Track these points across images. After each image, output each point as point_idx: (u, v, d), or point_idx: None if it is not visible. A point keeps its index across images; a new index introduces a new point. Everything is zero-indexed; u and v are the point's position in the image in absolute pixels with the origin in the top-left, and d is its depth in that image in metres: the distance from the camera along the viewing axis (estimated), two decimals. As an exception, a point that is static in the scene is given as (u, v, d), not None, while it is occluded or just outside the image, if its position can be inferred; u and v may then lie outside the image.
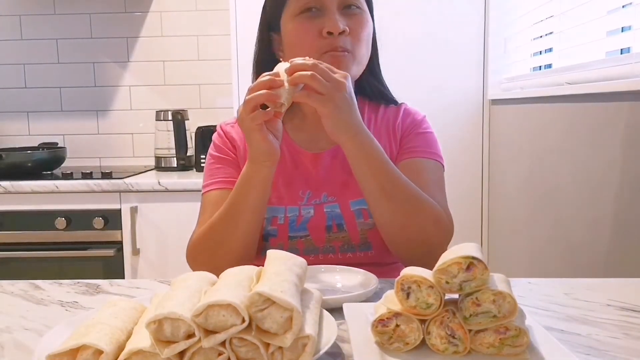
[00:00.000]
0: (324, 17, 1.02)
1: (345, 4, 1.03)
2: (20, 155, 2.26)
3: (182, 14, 2.58)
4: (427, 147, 1.10)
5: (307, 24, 1.03)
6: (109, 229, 2.08)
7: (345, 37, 1.01)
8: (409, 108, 1.17)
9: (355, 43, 1.02)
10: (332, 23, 1.00)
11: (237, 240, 1.00)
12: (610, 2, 1.30)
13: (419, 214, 0.98)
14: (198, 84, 2.62)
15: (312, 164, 1.10)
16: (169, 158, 2.42)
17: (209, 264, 0.99)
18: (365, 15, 1.06)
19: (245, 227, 0.99)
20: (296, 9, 1.04)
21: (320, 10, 1.03)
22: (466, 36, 2.05)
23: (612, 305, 0.80)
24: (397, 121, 1.13)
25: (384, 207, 0.97)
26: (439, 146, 1.12)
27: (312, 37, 1.02)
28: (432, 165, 1.09)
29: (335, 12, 1.02)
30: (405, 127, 1.12)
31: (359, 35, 1.03)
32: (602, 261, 1.27)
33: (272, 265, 0.66)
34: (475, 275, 0.62)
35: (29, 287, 0.88)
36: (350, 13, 1.03)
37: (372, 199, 0.98)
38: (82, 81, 2.63)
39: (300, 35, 1.03)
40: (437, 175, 1.09)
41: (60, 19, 2.60)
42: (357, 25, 1.03)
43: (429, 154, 1.10)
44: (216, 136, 1.16)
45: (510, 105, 1.90)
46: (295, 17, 1.04)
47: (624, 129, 1.18)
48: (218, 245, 1.00)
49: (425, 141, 1.11)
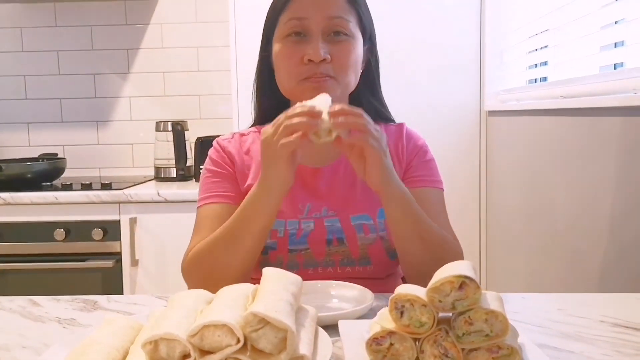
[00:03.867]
0: (308, 43, 1.02)
1: (332, 30, 1.03)
2: (20, 167, 2.26)
3: (182, 26, 2.60)
4: (432, 176, 1.12)
5: (291, 48, 1.04)
6: (108, 240, 2.09)
7: (327, 64, 1.02)
8: (410, 131, 1.17)
9: (338, 70, 1.02)
10: (314, 51, 1.01)
11: (235, 264, 0.98)
12: (603, 18, 1.32)
13: (446, 255, 0.99)
14: (198, 94, 2.63)
15: (312, 178, 1.11)
16: (168, 168, 2.43)
17: (205, 282, 0.97)
18: (353, 42, 1.05)
19: (245, 254, 0.97)
20: (283, 31, 1.05)
21: (305, 35, 1.03)
22: (463, 47, 2.06)
23: (605, 321, 0.81)
24: (400, 143, 1.14)
25: (416, 248, 0.98)
26: (439, 171, 1.15)
27: (294, 63, 1.03)
28: (437, 194, 1.11)
29: (319, 38, 1.02)
30: (408, 151, 1.13)
31: (343, 63, 1.03)
32: (598, 273, 1.28)
33: (268, 284, 0.67)
34: (468, 294, 0.63)
35: (26, 303, 0.89)
36: (337, 40, 1.03)
37: (409, 243, 0.98)
38: (83, 92, 2.65)
39: (284, 59, 1.05)
40: (442, 203, 1.12)
41: (61, 31, 2.62)
42: (341, 53, 1.03)
43: (433, 182, 1.12)
44: (213, 151, 1.15)
45: (507, 117, 1.91)
46: (282, 40, 1.05)
47: (617, 144, 1.19)
48: (215, 267, 0.99)
49: (429, 170, 1.13)
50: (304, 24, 1.03)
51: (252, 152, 1.13)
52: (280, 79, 1.08)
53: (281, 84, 1.08)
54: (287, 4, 1.05)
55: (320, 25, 1.03)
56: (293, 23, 1.04)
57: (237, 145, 1.15)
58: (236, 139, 1.16)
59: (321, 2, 1.04)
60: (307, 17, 1.03)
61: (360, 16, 1.08)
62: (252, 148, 1.14)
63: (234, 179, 1.11)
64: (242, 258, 0.98)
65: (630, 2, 1.16)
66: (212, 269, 0.99)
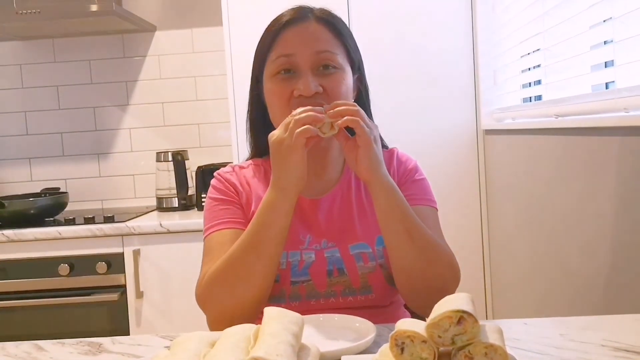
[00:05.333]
0: (298, 79, 1.04)
1: (321, 64, 1.05)
2: (22, 203, 2.28)
3: (179, 57, 2.64)
4: (424, 195, 1.13)
5: (281, 85, 1.05)
6: (112, 273, 2.10)
7: (319, 95, 1.04)
8: (401, 154, 1.19)
9: (331, 100, 1.03)
10: (304, 86, 1.03)
11: (259, 273, 0.98)
12: (593, 38, 1.34)
13: (437, 258, 1.01)
14: (197, 123, 2.66)
15: (311, 209, 1.12)
16: (170, 198, 2.45)
17: (227, 301, 0.98)
18: (342, 74, 1.07)
19: (268, 260, 0.98)
20: (273, 69, 1.07)
21: (295, 72, 1.05)
22: (457, 68, 2.09)
23: (606, 345, 0.81)
24: (391, 167, 1.15)
25: (407, 249, 0.99)
26: (432, 191, 1.15)
27: (285, 99, 1.05)
28: (430, 211, 1.12)
29: (308, 74, 1.04)
30: (400, 174, 1.15)
31: (335, 93, 1.04)
32: (600, 293, 1.28)
33: (269, 326, 0.68)
34: (466, 329, 0.64)
35: (32, 348, 0.89)
36: (326, 73, 1.05)
37: (396, 240, 0.99)
38: (83, 126, 2.68)
39: (275, 97, 1.07)
40: (436, 221, 1.12)
41: (60, 66, 2.66)
42: (333, 84, 1.05)
43: (426, 200, 1.13)
44: (215, 182, 1.16)
45: (504, 135, 1.92)
46: (272, 78, 1.07)
47: (614, 163, 1.20)
48: (238, 279, 0.98)
49: (421, 188, 1.14)
50: (292, 61, 1.05)
51: (252, 184, 1.15)
52: (273, 116, 1.10)
53: (275, 121, 1.09)
54: (274, 42, 1.07)
55: (309, 60, 1.04)
56: (281, 60, 1.05)
57: (238, 177, 1.16)
58: (236, 171, 1.17)
59: (307, 37, 1.06)
60: (295, 53, 1.05)
61: (347, 48, 1.10)
62: (252, 180, 1.15)
63: (241, 206, 1.12)
64: (263, 266, 0.98)
65: (617, 24, 1.18)
66: (234, 283, 0.98)
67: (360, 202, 1.12)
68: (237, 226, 1.08)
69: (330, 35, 1.08)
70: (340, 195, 1.13)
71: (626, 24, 1.15)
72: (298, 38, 1.06)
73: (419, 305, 1.06)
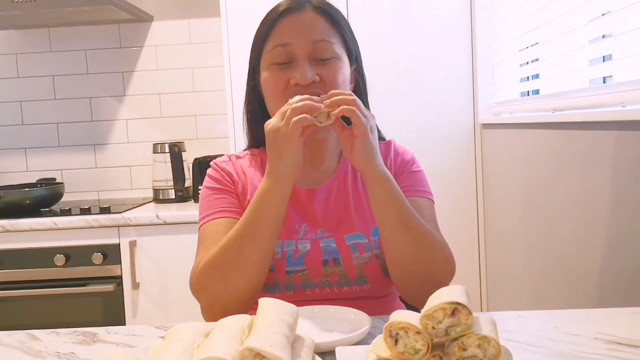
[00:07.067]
0: (294, 68, 1.04)
1: (318, 53, 1.04)
2: (18, 193, 2.27)
3: (176, 47, 2.63)
4: (420, 186, 1.13)
5: (277, 74, 1.05)
6: (108, 264, 2.09)
7: (316, 84, 1.03)
8: (398, 146, 1.19)
9: (329, 89, 1.02)
10: (300, 75, 1.02)
11: (253, 261, 0.97)
12: (591, 32, 1.34)
13: (431, 249, 1.00)
14: (194, 115, 2.65)
15: (307, 199, 1.12)
16: (166, 190, 2.44)
17: (221, 290, 0.98)
18: (339, 63, 1.06)
19: (263, 247, 0.97)
20: (269, 59, 1.06)
21: (291, 61, 1.05)
22: (455, 62, 2.09)
23: (599, 338, 0.81)
24: (388, 158, 1.15)
25: (401, 240, 0.98)
26: (429, 183, 1.15)
27: (281, 88, 1.04)
28: (426, 203, 1.11)
29: (305, 63, 1.03)
30: (397, 166, 1.14)
31: (332, 82, 1.04)
32: (595, 286, 1.29)
33: (263, 316, 0.68)
34: (460, 321, 0.64)
35: (26, 338, 0.89)
36: (323, 62, 1.05)
37: (390, 231, 0.99)
38: (79, 116, 2.67)
39: (272, 87, 1.06)
40: (432, 213, 1.12)
41: (56, 56, 2.64)
42: (330, 73, 1.04)
43: (422, 192, 1.12)
44: (211, 171, 1.15)
45: (501, 129, 1.92)
46: (269, 67, 1.07)
47: (611, 157, 1.20)
48: (232, 267, 0.97)
49: (417, 180, 1.13)
50: (289, 50, 1.04)
51: (248, 174, 1.15)
52: (270, 106, 1.09)
53: (272, 111, 1.09)
54: (270, 32, 1.07)
55: (305, 50, 1.04)
56: (278, 50, 1.05)
57: (234, 166, 1.16)
58: (233, 160, 1.17)
59: (304, 27, 1.05)
60: (291, 43, 1.04)
61: (344, 38, 1.09)
62: (248, 170, 1.15)
63: (237, 195, 1.11)
64: (259, 254, 0.98)
65: (615, 18, 1.17)
66: (228, 271, 0.98)
67: (357, 193, 1.12)
68: (233, 215, 1.07)
69: (327, 24, 1.07)
70: (337, 186, 1.13)
71: (624, 18, 1.15)
72: (294, 28, 1.05)
73: (413, 296, 1.06)
